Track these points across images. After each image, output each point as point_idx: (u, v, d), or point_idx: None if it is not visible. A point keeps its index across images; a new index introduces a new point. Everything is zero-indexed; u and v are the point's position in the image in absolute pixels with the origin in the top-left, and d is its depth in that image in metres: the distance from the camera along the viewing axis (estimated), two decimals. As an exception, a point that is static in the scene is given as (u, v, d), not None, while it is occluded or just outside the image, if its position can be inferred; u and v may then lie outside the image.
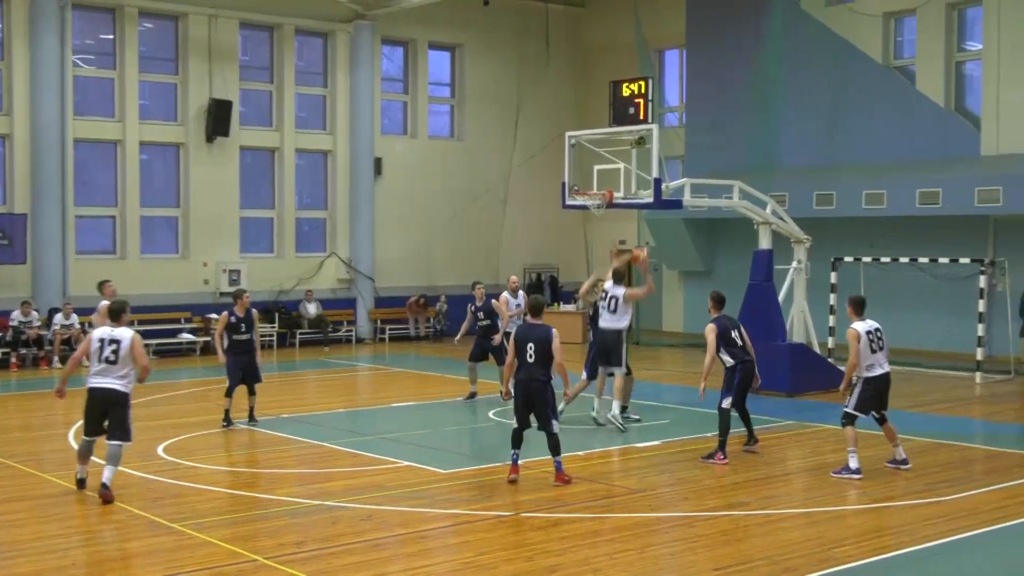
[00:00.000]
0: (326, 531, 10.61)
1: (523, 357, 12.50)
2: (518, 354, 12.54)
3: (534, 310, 12.82)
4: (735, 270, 26.76)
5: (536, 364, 12.43)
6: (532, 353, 12.43)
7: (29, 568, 9.47)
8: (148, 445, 14.96)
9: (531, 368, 12.45)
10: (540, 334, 12.51)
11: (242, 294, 17.08)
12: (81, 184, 26.74)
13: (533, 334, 12.53)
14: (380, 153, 30.56)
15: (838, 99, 26.88)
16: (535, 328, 12.63)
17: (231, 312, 16.68)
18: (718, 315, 14.66)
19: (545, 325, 12.72)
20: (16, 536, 10.52)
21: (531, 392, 12.48)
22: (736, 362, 14.24)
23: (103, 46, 27.19)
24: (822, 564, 9.46)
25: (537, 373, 12.43)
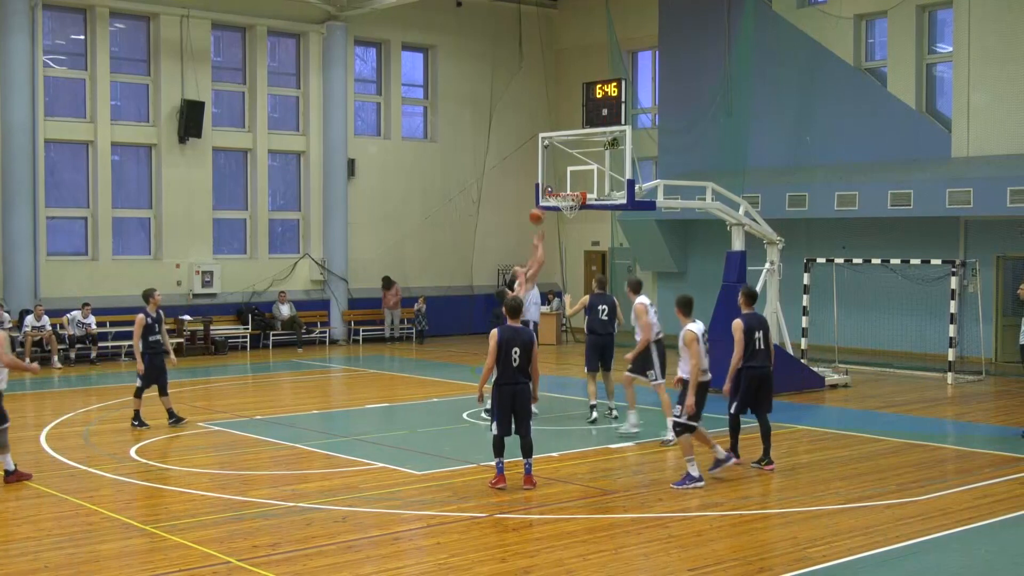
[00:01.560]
0: (300, 533, 10.58)
1: (507, 361, 12.17)
2: (502, 358, 12.15)
3: (514, 311, 12.53)
4: (708, 271, 26.89)
5: (520, 368, 12.21)
6: (517, 357, 12.17)
7: (1, 571, 9.40)
8: (121, 447, 14.90)
9: (516, 372, 12.21)
10: (526, 338, 12.28)
11: (153, 293, 16.99)
12: (52, 185, 26.56)
13: (519, 338, 12.25)
14: (353, 154, 30.51)
15: (810, 101, 27.03)
16: (520, 331, 12.36)
17: (146, 313, 16.62)
18: (747, 312, 13.73)
19: (527, 328, 12.61)
20: (-13, 539, 10.45)
21: (517, 396, 12.25)
22: (743, 366, 13.42)
23: (74, 46, 27.02)
24: (796, 564, 9.50)
25: (522, 377, 12.24)
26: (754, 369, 13.35)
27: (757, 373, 13.38)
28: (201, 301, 27.88)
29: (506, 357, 12.10)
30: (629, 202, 18.90)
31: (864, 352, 24.97)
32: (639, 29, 31.33)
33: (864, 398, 19.73)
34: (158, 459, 14.10)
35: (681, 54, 29.74)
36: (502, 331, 12.22)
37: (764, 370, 13.42)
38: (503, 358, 12.09)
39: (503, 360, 12.10)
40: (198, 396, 20.65)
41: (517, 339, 12.18)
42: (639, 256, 31.16)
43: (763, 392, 13.46)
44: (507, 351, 12.09)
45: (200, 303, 27.85)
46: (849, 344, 24.66)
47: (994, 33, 23.96)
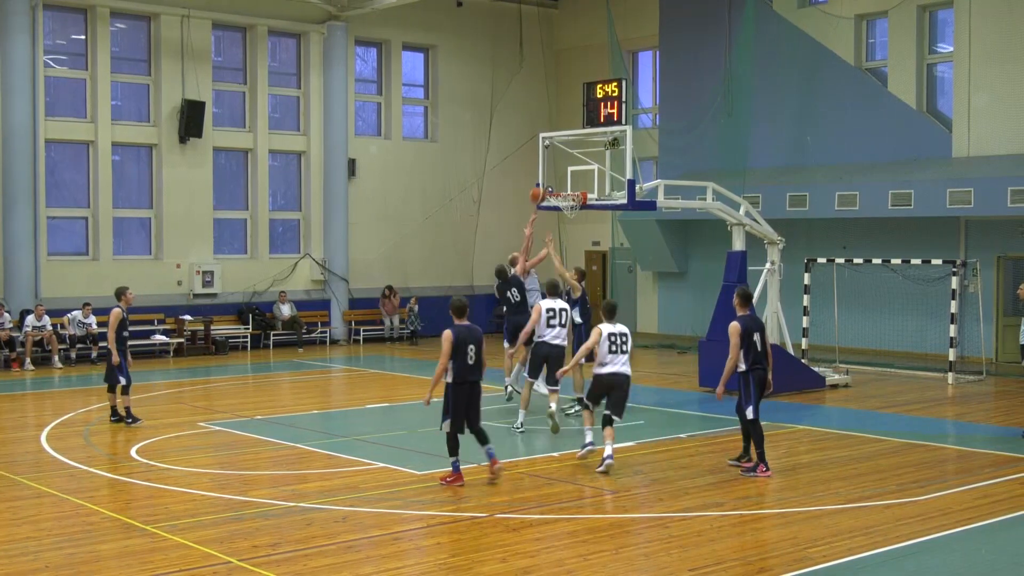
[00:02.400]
0: (300, 533, 10.59)
1: (463, 360, 12.34)
2: (459, 357, 12.30)
3: (460, 311, 12.60)
4: (709, 271, 26.89)
5: (476, 366, 12.46)
6: (473, 354, 12.39)
7: (1, 571, 9.41)
8: (121, 447, 14.91)
9: (473, 370, 12.45)
10: (478, 335, 12.51)
11: (125, 291, 17.21)
12: (53, 185, 26.57)
13: (473, 335, 12.45)
14: (354, 154, 30.51)
15: (811, 101, 27.03)
16: (472, 329, 12.53)
17: (121, 309, 16.74)
18: (743, 314, 13.49)
19: (476, 326, 12.70)
20: (-12, 539, 10.46)
21: (473, 394, 12.55)
22: (747, 368, 13.23)
23: (75, 46, 27.02)
24: (796, 564, 9.50)
25: (477, 375, 12.52)
26: (758, 371, 13.23)
27: (762, 375, 13.26)
28: (201, 301, 27.88)
29: (462, 356, 12.32)
30: (630, 202, 18.90)
31: (865, 352, 24.97)
32: (639, 29, 31.34)
33: (865, 398, 19.73)
34: (158, 459, 14.10)
35: (681, 54, 29.75)
36: (456, 330, 12.36)
37: (766, 372, 13.32)
38: (459, 357, 12.30)
39: (459, 359, 12.31)
40: (198, 396, 20.66)
41: (471, 337, 12.41)
42: (639, 256, 31.17)
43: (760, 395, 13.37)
44: (463, 350, 12.31)
45: (200, 303, 27.85)
46: (850, 344, 24.66)
47: (995, 33, 23.97)
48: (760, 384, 13.21)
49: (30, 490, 12.51)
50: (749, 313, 13.49)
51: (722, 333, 19.97)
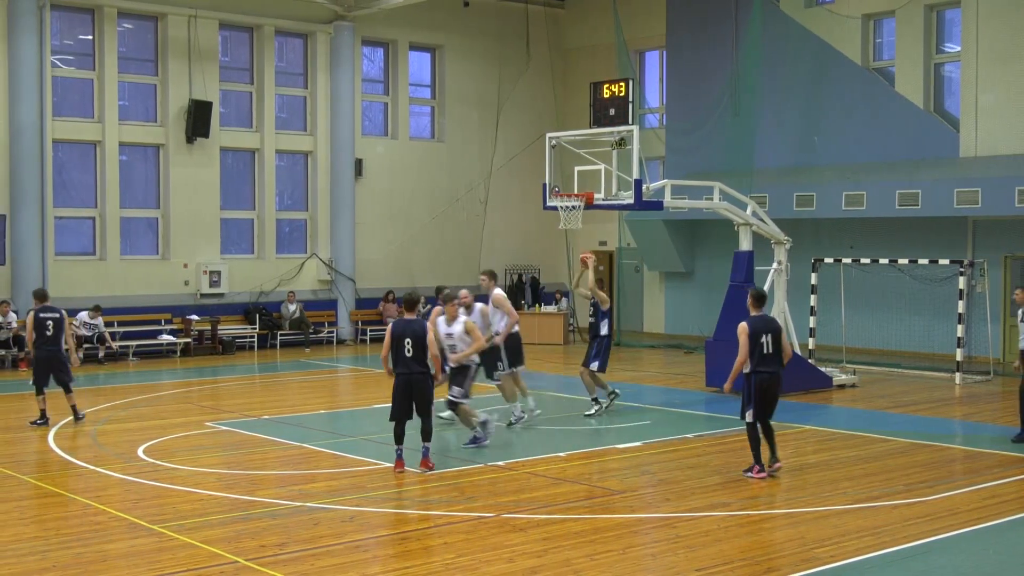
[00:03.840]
0: (308, 532, 10.59)
1: (400, 352, 13.04)
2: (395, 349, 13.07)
3: (410, 305, 13.40)
4: (716, 271, 26.88)
5: (414, 358, 13.06)
6: (410, 347, 13.03)
7: (9, 570, 9.42)
8: (129, 447, 14.92)
9: (410, 362, 13.05)
10: (417, 328, 13.17)
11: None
12: (60, 185, 26.61)
13: (410, 328, 13.14)
14: (361, 154, 30.53)
15: (818, 101, 27.00)
16: (412, 323, 13.23)
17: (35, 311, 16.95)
18: (755, 315, 13.05)
19: (421, 320, 13.43)
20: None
21: (413, 385, 13.12)
22: (751, 369, 12.85)
23: (82, 46, 27.06)
24: (804, 564, 9.49)
25: (416, 366, 13.08)
26: (762, 374, 12.85)
27: (766, 379, 12.87)
28: (209, 301, 27.92)
29: (399, 348, 13.03)
30: (636, 202, 18.91)
31: (872, 352, 24.93)
32: (646, 29, 31.32)
33: (872, 398, 19.70)
34: (166, 459, 14.11)
35: (688, 54, 29.73)
36: (395, 324, 13.35)
37: (775, 375, 12.92)
38: (396, 349, 13.06)
39: (396, 350, 13.07)
40: (205, 396, 20.68)
41: (408, 330, 13.11)
42: (646, 256, 31.15)
43: (768, 398, 12.92)
44: (399, 342, 13.04)
45: (208, 303, 27.88)
46: (857, 344, 24.62)
47: (1002, 32, 23.92)
48: (761, 387, 12.80)
49: (37, 490, 12.53)
50: (761, 314, 13.09)
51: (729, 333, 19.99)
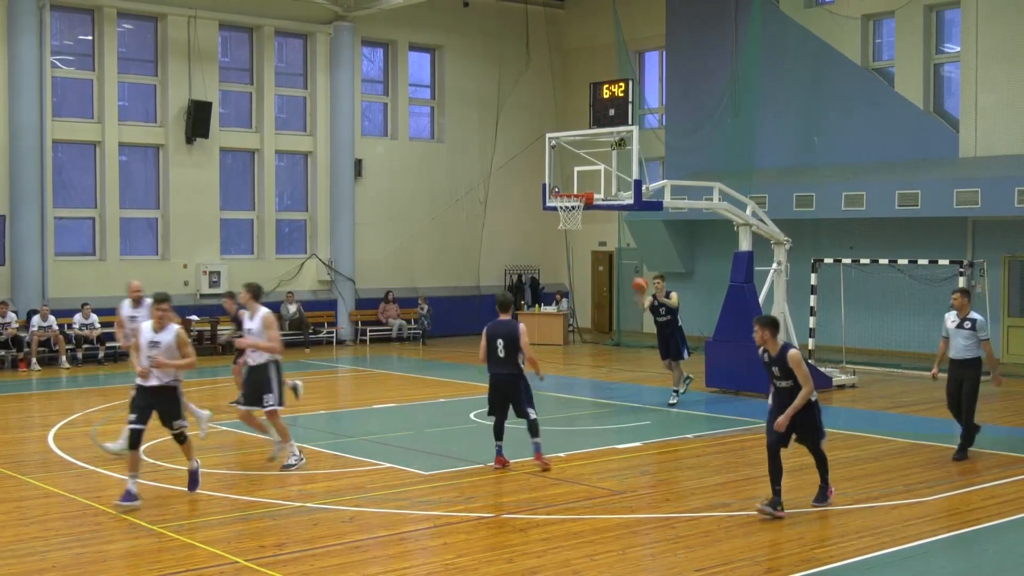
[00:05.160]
0: (307, 533, 10.59)
1: (493, 352, 13.14)
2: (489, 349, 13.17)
3: (504, 306, 13.45)
4: (715, 272, 26.87)
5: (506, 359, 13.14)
6: (502, 349, 13.10)
7: (9, 571, 9.43)
8: (128, 447, 14.88)
9: (502, 363, 13.16)
10: (510, 329, 13.22)
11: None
12: (60, 186, 26.62)
13: (504, 330, 13.20)
14: (360, 155, 30.53)
15: (817, 101, 27.00)
16: (505, 324, 13.30)
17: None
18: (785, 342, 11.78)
19: (513, 321, 13.42)
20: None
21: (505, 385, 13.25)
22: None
23: (82, 47, 27.07)
24: (804, 564, 9.49)
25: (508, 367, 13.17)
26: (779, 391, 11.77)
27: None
28: (208, 301, 27.90)
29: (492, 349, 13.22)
30: (636, 202, 18.92)
31: (872, 352, 24.93)
32: (646, 29, 31.32)
33: (872, 398, 19.71)
34: (166, 459, 14.10)
35: (688, 54, 29.73)
36: (489, 326, 13.43)
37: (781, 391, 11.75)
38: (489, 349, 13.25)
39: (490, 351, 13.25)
40: (205, 396, 20.66)
41: (501, 331, 13.23)
42: (646, 256, 31.15)
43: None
44: (492, 343, 13.22)
45: (207, 303, 27.87)
46: (856, 344, 24.62)
47: (1002, 33, 23.93)
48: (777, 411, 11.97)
49: (37, 490, 12.53)
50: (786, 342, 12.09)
51: (729, 333, 20.08)
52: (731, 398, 19.67)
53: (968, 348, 13.93)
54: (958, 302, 14.12)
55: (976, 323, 13.89)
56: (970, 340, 13.90)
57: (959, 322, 13.99)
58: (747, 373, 19.82)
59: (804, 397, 10.96)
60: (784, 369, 11.10)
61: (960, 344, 13.97)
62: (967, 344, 13.92)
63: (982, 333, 13.90)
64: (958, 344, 14.00)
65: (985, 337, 13.94)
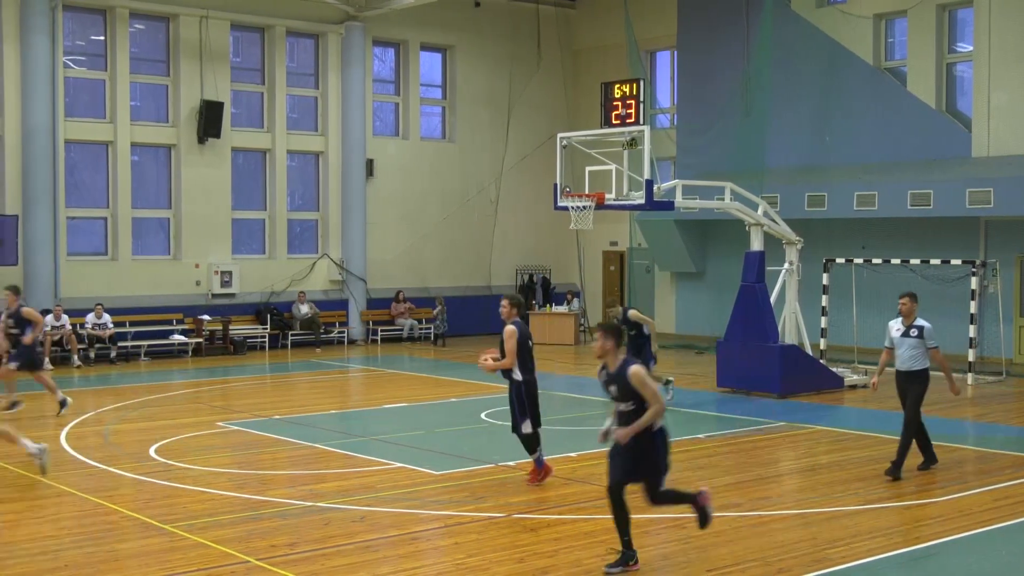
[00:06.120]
0: (318, 532, 10.60)
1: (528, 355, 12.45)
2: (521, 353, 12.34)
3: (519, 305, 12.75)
4: (727, 271, 26.82)
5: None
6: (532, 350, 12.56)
7: (22, 569, 9.45)
8: (140, 446, 14.95)
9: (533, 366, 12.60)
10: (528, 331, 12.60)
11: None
12: (72, 185, 26.69)
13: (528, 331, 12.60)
14: (372, 154, 30.56)
15: (829, 100, 26.93)
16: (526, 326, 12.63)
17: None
18: None
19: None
20: (9, 537, 10.50)
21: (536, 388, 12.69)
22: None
23: (94, 47, 27.14)
24: (816, 565, 9.47)
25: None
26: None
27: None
28: (220, 301, 27.97)
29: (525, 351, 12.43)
30: (648, 202, 18.90)
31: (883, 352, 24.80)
32: (657, 29, 31.28)
33: (883, 399, 19.59)
34: (177, 458, 14.14)
35: (699, 54, 29.69)
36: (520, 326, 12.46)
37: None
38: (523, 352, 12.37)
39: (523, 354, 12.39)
40: (216, 396, 20.72)
41: (528, 333, 12.56)
42: (657, 256, 31.12)
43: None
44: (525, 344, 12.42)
45: (219, 303, 27.93)
46: (868, 344, 24.48)
47: (1015, 32, 23.85)
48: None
49: (50, 489, 12.56)
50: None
51: (740, 333, 20.06)
52: (742, 398, 19.64)
53: (914, 358, 12.86)
54: (906, 307, 13.03)
55: (923, 330, 12.82)
56: (916, 349, 12.84)
57: (904, 330, 12.95)
58: (758, 373, 19.81)
59: (653, 415, 9.31)
60: (625, 389, 9.33)
61: (905, 354, 12.91)
62: (913, 354, 12.86)
63: (930, 341, 12.82)
64: (903, 354, 12.94)
65: (934, 346, 12.86)
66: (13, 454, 14.58)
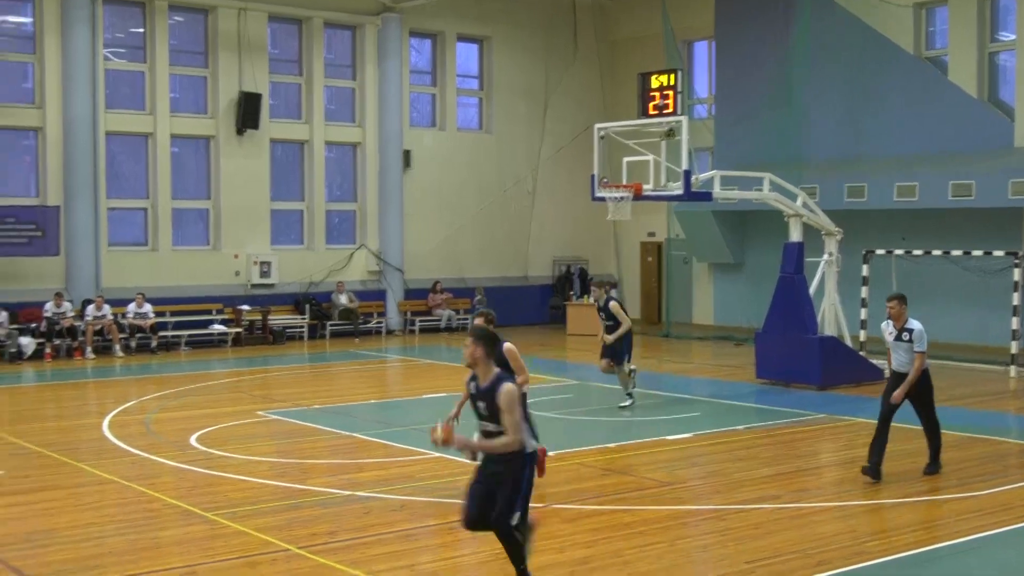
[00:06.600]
0: (358, 521, 10.66)
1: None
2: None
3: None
4: (765, 263, 26.68)
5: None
6: None
7: (65, 555, 9.57)
8: (182, 435, 15.08)
9: None
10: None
11: None
12: (113, 177, 26.91)
13: None
14: (409, 145, 30.61)
15: (869, 90, 26.69)
16: None
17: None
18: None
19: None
20: (52, 524, 10.63)
21: None
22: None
23: (133, 39, 27.34)
24: (855, 558, 9.43)
25: None
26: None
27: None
28: (259, 291, 28.14)
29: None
30: (685, 193, 18.84)
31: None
32: (694, 19, 31.12)
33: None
34: (218, 447, 14.25)
35: (737, 44, 29.50)
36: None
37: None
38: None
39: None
40: (256, 385, 20.85)
41: None
42: (695, 247, 31.01)
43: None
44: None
45: (258, 293, 28.10)
46: (908, 336, 24.34)
47: (1059, 21, 23.55)
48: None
49: (93, 477, 12.70)
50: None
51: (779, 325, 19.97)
52: (781, 390, 19.55)
53: (910, 361, 12.40)
54: (895, 310, 12.53)
55: (913, 333, 12.32)
56: (911, 353, 12.39)
57: (896, 334, 12.49)
58: (798, 365, 19.71)
59: (503, 447, 8.11)
60: (493, 408, 8.17)
61: (903, 358, 12.44)
62: (908, 356, 12.39)
63: (917, 345, 12.30)
64: (900, 358, 12.48)
65: (920, 350, 12.29)
66: (56, 442, 14.78)
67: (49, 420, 17.17)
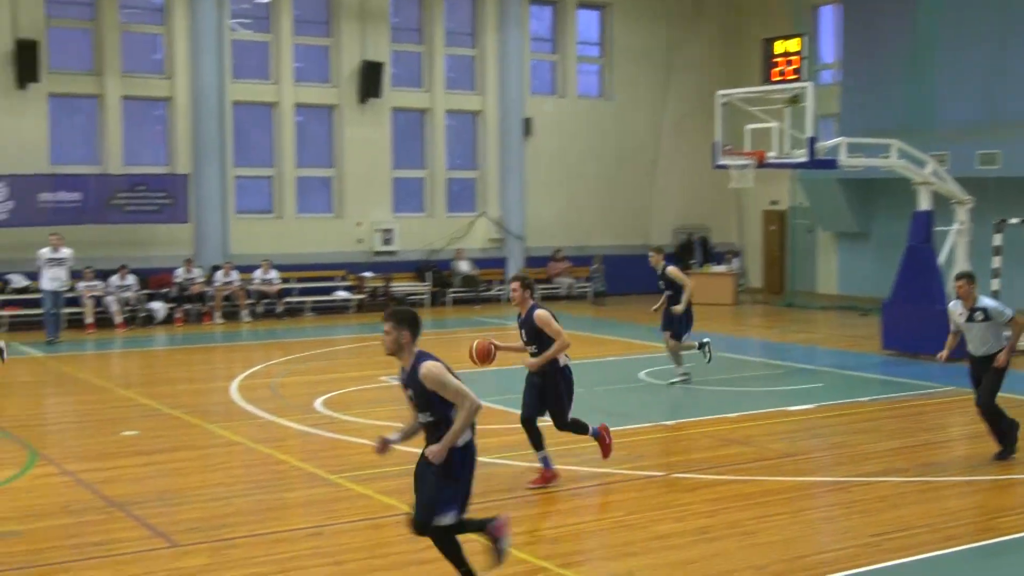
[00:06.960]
0: (479, 487, 10.61)
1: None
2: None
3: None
4: (892, 232, 26.08)
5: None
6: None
7: (195, 514, 9.85)
8: (307, 399, 15.38)
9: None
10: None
11: None
12: (239, 145, 27.46)
13: None
14: (529, 113, 30.59)
15: (1002, 52, 25.78)
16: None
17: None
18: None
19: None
20: (183, 484, 10.95)
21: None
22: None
23: (258, 10, 27.79)
24: (984, 534, 9.22)
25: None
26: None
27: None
28: (381, 259, 28.49)
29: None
30: (809, 160, 18.52)
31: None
32: (822, -18, 30.43)
33: None
34: (342, 411, 14.50)
35: (865, 7, 28.75)
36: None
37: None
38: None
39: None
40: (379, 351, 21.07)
41: None
42: (819, 216, 30.44)
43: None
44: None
45: (380, 260, 28.46)
46: (1042, 308, 23.61)
47: None
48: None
49: (221, 439, 13.04)
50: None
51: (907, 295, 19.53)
52: (908, 361, 19.13)
53: (985, 341, 11.70)
54: (963, 289, 11.81)
55: (988, 310, 11.60)
56: (988, 331, 11.68)
57: (968, 314, 11.76)
58: (925, 335, 19.20)
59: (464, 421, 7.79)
60: (421, 394, 7.78)
61: (977, 338, 11.75)
62: (984, 336, 11.70)
63: (1003, 316, 11.60)
64: (975, 339, 11.78)
65: (1007, 317, 11.60)
66: (187, 404, 15.20)
67: (180, 383, 17.64)
